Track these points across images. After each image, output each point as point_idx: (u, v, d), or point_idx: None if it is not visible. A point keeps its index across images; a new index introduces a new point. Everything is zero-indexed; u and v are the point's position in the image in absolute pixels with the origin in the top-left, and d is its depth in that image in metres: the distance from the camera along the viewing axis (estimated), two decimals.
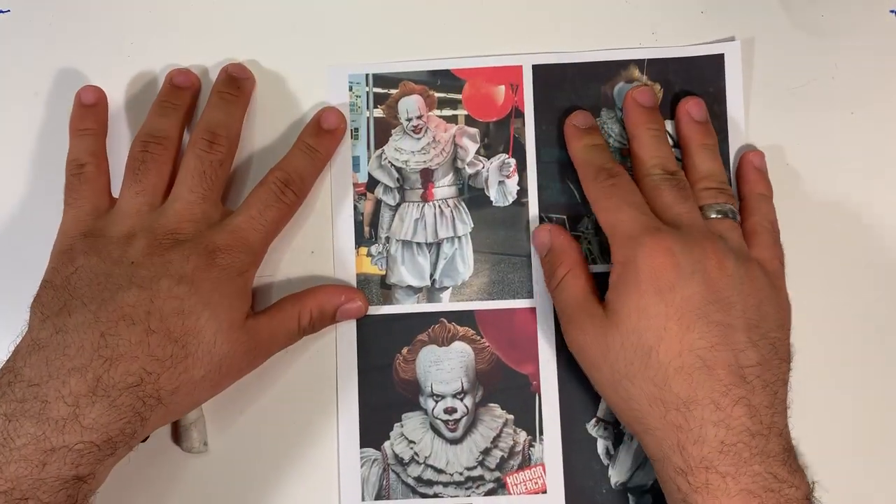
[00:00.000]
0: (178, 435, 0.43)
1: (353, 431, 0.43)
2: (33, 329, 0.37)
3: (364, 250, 0.44)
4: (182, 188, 0.41)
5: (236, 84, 0.44)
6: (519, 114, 0.45)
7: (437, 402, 0.43)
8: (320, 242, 0.44)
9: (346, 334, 0.43)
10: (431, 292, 0.44)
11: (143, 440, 0.42)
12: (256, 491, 0.43)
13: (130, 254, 0.39)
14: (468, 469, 0.43)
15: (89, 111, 0.44)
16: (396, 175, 0.45)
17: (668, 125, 0.44)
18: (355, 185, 0.44)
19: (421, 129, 0.45)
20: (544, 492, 0.42)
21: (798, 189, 0.44)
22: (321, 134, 0.44)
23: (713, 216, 0.41)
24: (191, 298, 0.38)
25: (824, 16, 0.45)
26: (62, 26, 0.46)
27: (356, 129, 0.45)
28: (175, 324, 0.37)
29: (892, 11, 0.45)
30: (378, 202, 0.44)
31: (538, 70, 0.45)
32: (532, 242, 0.44)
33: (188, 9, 0.46)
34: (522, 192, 0.44)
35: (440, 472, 0.43)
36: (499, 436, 0.43)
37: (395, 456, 0.43)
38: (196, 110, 0.45)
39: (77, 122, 0.44)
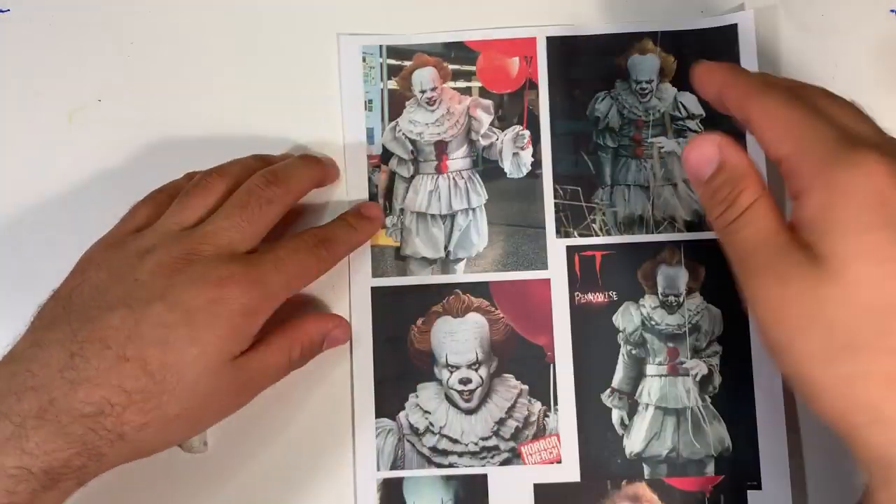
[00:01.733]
0: None
1: (369, 401, 0.43)
2: (18, 339, 0.35)
3: None
4: (218, 214, 0.38)
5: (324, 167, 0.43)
6: (533, 85, 0.45)
7: (451, 372, 0.43)
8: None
9: (361, 306, 0.43)
10: (446, 264, 0.44)
11: None
12: (262, 485, 0.43)
13: (138, 270, 0.36)
14: (483, 439, 0.43)
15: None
16: (410, 147, 0.45)
17: (688, 98, 0.44)
18: (369, 157, 0.44)
19: (435, 101, 0.45)
20: (559, 462, 0.42)
21: None
22: (362, 218, 0.43)
23: None
24: (179, 330, 0.34)
25: (824, 15, 0.45)
26: (62, 26, 0.46)
27: (370, 101, 0.45)
28: (154, 355, 0.34)
29: (892, 11, 0.45)
30: (392, 174, 0.44)
31: (552, 42, 0.45)
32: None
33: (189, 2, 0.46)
34: (536, 163, 0.44)
35: (455, 441, 0.43)
36: (513, 406, 0.43)
37: (411, 426, 0.43)
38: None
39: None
